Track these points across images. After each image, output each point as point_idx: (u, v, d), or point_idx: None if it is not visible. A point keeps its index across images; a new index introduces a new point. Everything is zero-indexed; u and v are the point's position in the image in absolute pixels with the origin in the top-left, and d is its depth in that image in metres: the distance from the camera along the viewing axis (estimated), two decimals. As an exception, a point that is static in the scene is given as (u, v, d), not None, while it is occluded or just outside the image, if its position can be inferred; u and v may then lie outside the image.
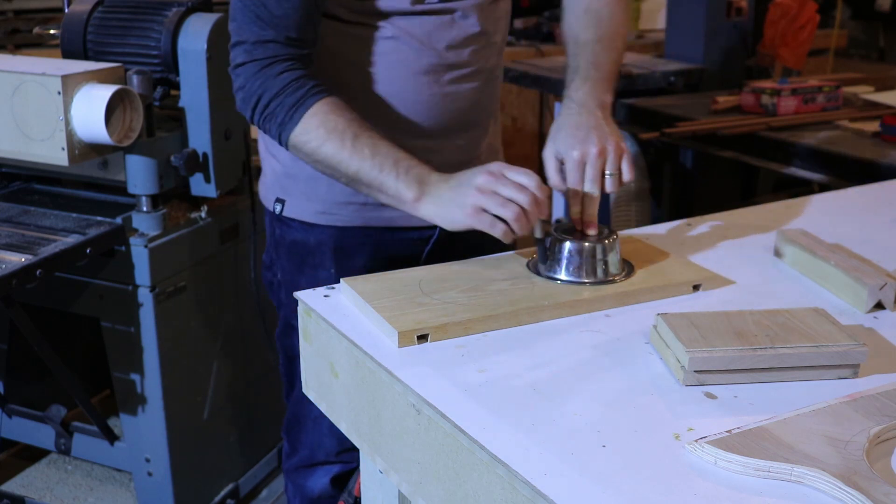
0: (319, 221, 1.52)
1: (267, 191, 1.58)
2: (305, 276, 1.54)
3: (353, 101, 1.39)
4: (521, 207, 1.24)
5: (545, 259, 1.29)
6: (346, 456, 1.63)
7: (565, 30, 1.51)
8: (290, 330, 1.57)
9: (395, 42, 1.41)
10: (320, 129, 1.32)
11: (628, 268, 1.30)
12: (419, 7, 1.39)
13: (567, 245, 1.27)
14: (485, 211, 1.24)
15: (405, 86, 1.43)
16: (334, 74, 1.42)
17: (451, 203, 1.28)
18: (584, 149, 1.29)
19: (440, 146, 1.48)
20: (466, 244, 1.55)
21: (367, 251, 1.53)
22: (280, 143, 1.38)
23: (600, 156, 1.29)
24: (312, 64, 1.39)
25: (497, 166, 1.26)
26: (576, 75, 1.40)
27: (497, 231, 1.25)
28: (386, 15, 1.39)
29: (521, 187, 1.24)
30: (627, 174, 1.30)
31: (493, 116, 1.60)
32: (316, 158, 1.35)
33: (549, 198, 1.27)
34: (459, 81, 1.46)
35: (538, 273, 1.29)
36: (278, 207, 1.54)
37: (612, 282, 1.26)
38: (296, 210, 1.53)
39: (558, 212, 3.54)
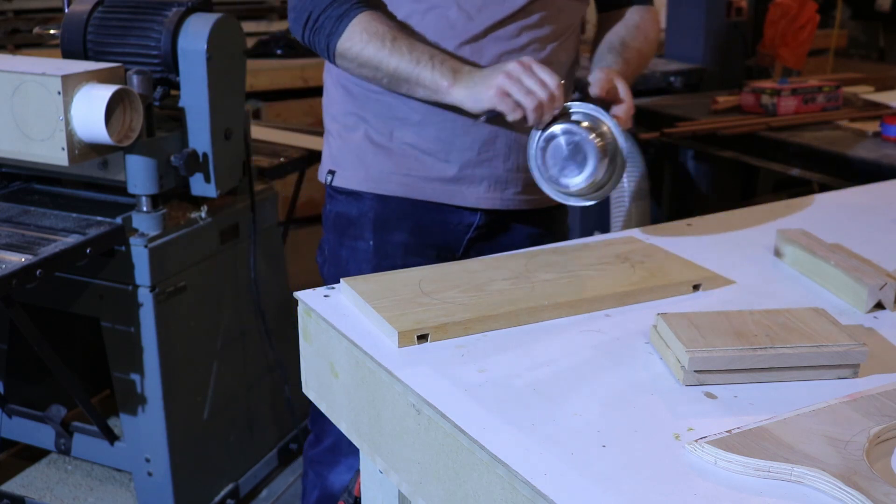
0: (363, 188, 1.59)
1: (322, 165, 1.68)
2: (346, 248, 1.61)
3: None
4: (540, 101, 1.34)
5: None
6: None
7: (612, 33, 1.61)
8: None
9: (441, 10, 1.47)
10: (363, 34, 1.45)
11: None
12: None
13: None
14: (508, 95, 1.35)
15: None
16: None
17: (481, 83, 1.38)
18: (613, 76, 1.44)
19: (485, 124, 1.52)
20: (511, 236, 1.60)
21: (406, 226, 1.58)
22: (328, 55, 1.50)
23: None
24: None
25: (528, 58, 1.37)
26: (618, 58, 1.55)
27: (515, 115, 1.36)
28: None
29: (544, 84, 1.34)
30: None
31: None
32: (360, 62, 1.46)
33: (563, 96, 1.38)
34: (504, 57, 1.49)
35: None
36: (329, 178, 1.63)
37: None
38: (344, 179, 1.61)
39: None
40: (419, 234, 1.58)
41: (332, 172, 1.63)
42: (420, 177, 1.55)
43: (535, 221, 1.65)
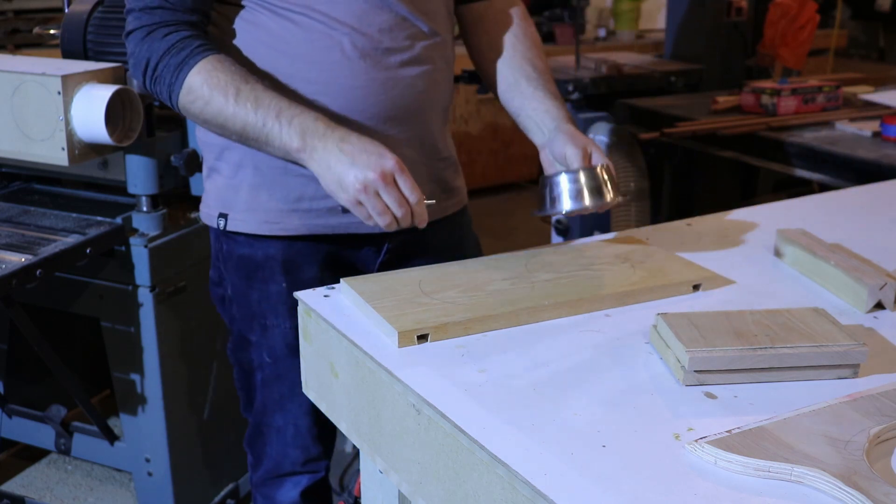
0: (265, 232, 1.48)
1: (209, 208, 1.53)
2: (256, 291, 1.51)
3: (289, 89, 1.39)
4: (394, 219, 1.26)
5: (549, 198, 1.33)
6: (313, 465, 1.60)
7: (507, 47, 1.55)
8: (245, 343, 1.55)
9: (325, 27, 1.38)
10: (204, 88, 1.31)
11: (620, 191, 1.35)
12: None
13: (563, 175, 1.32)
14: (363, 206, 1.26)
15: (341, 71, 1.38)
16: (268, 64, 1.40)
17: (334, 176, 1.27)
18: (585, 144, 1.39)
19: (381, 137, 1.41)
20: (423, 253, 1.53)
21: (316, 262, 1.49)
22: (171, 105, 1.36)
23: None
24: (204, 33, 1.38)
25: (392, 167, 1.25)
26: (546, 98, 1.48)
27: (368, 223, 1.28)
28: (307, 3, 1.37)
29: (403, 201, 1.25)
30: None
31: (442, 115, 1.55)
32: (204, 118, 1.35)
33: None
34: (399, 67, 1.42)
35: (545, 215, 1.35)
36: (221, 223, 1.50)
37: (610, 202, 1.31)
38: (240, 223, 1.49)
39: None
40: (331, 266, 1.50)
41: (223, 216, 1.49)
42: (322, 209, 1.45)
43: (445, 230, 1.58)
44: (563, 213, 1.32)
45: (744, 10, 3.55)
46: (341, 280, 1.26)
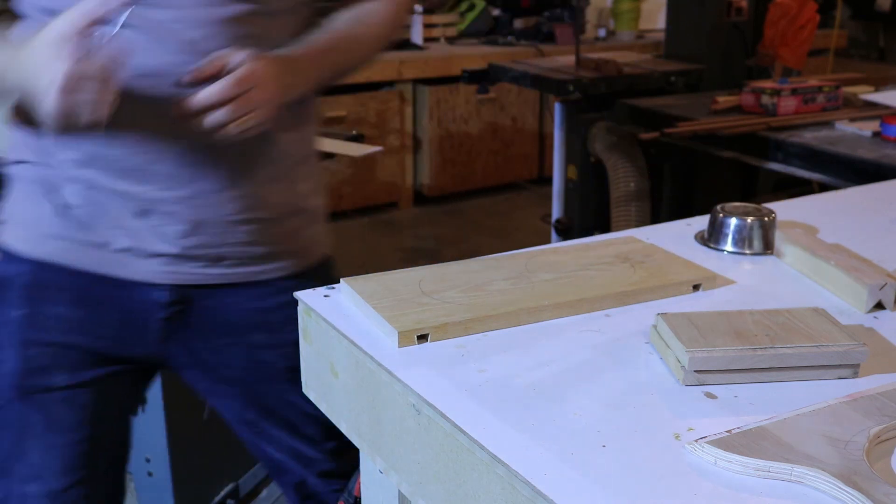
0: (18, 249, 1.32)
1: None
2: None
3: None
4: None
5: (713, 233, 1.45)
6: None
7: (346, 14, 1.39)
8: None
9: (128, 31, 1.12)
10: None
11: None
12: None
13: (733, 221, 1.43)
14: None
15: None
16: None
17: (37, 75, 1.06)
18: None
19: (177, 197, 1.25)
20: (224, 318, 1.39)
21: (66, 298, 1.31)
22: None
23: None
24: None
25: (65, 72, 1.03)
26: (323, 34, 1.33)
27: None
28: None
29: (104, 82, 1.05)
30: None
31: (274, 168, 1.35)
32: None
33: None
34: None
35: (707, 245, 1.44)
36: None
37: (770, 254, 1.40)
38: None
39: (557, 212, 3.54)
40: (86, 309, 1.31)
41: None
42: (76, 240, 1.29)
43: (255, 297, 1.40)
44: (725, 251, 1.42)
45: (744, 10, 3.55)
46: (341, 280, 1.25)
